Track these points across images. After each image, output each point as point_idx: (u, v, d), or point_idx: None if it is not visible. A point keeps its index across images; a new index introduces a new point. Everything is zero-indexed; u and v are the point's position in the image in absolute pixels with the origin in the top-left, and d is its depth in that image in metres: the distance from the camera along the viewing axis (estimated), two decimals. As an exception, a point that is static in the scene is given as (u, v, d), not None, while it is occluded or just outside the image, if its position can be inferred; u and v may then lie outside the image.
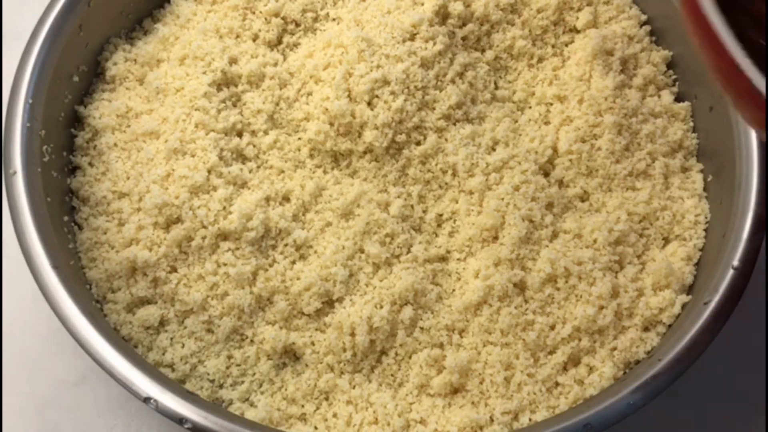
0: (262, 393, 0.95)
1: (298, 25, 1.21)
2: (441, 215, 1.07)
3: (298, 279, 0.99)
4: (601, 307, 0.97)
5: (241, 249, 1.00)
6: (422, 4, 1.16)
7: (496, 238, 1.02)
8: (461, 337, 0.98)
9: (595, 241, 1.02)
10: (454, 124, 1.09)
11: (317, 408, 0.95)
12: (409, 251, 1.03)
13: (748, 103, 0.63)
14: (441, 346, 0.98)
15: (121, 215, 1.02)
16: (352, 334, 0.95)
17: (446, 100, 1.08)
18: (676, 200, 1.08)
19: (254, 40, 1.17)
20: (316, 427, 0.94)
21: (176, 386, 0.90)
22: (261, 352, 0.97)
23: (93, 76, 1.15)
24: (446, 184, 1.07)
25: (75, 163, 1.06)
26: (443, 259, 1.04)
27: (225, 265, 0.99)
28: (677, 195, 1.08)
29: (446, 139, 1.08)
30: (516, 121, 1.14)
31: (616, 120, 1.10)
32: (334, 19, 1.20)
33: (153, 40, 1.17)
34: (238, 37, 1.18)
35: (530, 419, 0.92)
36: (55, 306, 0.88)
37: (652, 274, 1.01)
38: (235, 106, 1.11)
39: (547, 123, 1.14)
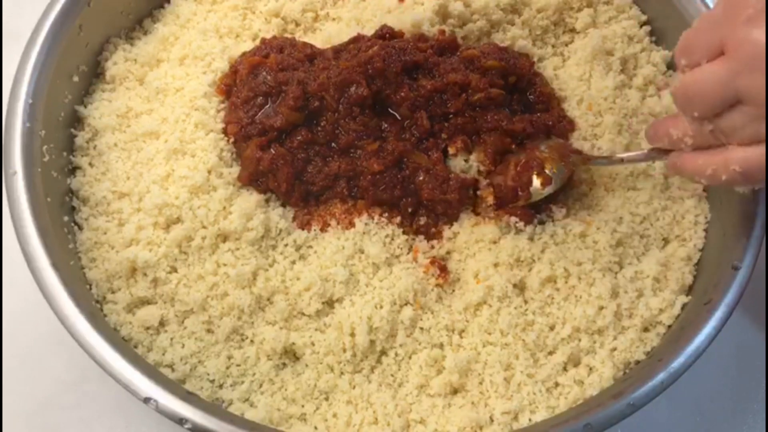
0: (262, 393, 0.95)
1: (298, 25, 1.21)
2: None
3: (298, 279, 0.99)
4: (601, 308, 0.97)
5: (241, 249, 1.00)
6: (422, 4, 1.16)
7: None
8: (461, 337, 0.98)
9: (596, 242, 1.02)
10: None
11: (317, 408, 0.95)
12: (409, 251, 1.04)
13: None
14: (441, 346, 0.98)
15: (121, 215, 1.02)
16: (352, 334, 0.95)
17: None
18: (676, 200, 1.08)
19: (254, 40, 1.18)
20: (316, 427, 0.94)
21: (176, 386, 0.90)
22: (261, 353, 0.97)
23: (93, 76, 1.15)
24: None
25: (75, 163, 1.06)
26: (443, 259, 1.04)
27: (225, 265, 0.99)
28: (677, 195, 1.08)
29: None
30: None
31: (616, 120, 1.10)
32: (333, 19, 1.20)
33: (153, 40, 1.17)
34: (237, 36, 1.18)
35: (530, 419, 0.92)
36: (55, 306, 0.88)
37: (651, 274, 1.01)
38: (235, 106, 1.11)
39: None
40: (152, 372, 0.88)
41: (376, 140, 1.03)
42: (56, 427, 1.05)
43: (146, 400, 0.84)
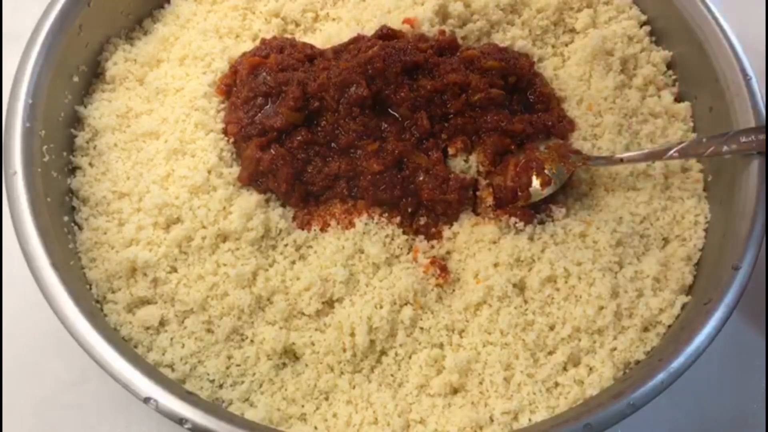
0: (262, 393, 0.95)
1: (298, 25, 1.21)
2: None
3: (298, 279, 0.99)
4: (601, 308, 0.97)
5: (241, 249, 1.00)
6: (422, 4, 1.16)
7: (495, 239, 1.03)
8: (461, 337, 0.98)
9: (596, 242, 1.02)
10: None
11: (317, 408, 0.95)
12: (409, 251, 1.04)
13: None
14: (441, 346, 0.98)
15: (121, 215, 1.02)
16: (352, 334, 0.95)
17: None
18: (676, 200, 1.08)
19: (254, 40, 1.18)
20: (316, 427, 0.94)
21: (176, 386, 0.90)
22: (261, 352, 0.97)
23: (93, 76, 1.15)
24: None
25: (75, 163, 1.06)
26: (443, 259, 1.04)
27: (225, 265, 0.99)
28: (677, 195, 1.08)
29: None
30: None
31: (616, 120, 1.10)
32: (333, 19, 1.20)
33: (153, 40, 1.17)
34: (237, 37, 1.18)
35: (530, 419, 0.92)
36: (55, 306, 0.88)
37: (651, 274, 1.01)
38: (235, 106, 1.11)
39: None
40: (152, 372, 0.88)
41: (376, 140, 1.03)
42: (56, 427, 1.05)
43: (146, 400, 0.84)
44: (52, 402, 1.06)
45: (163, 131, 1.07)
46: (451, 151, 1.06)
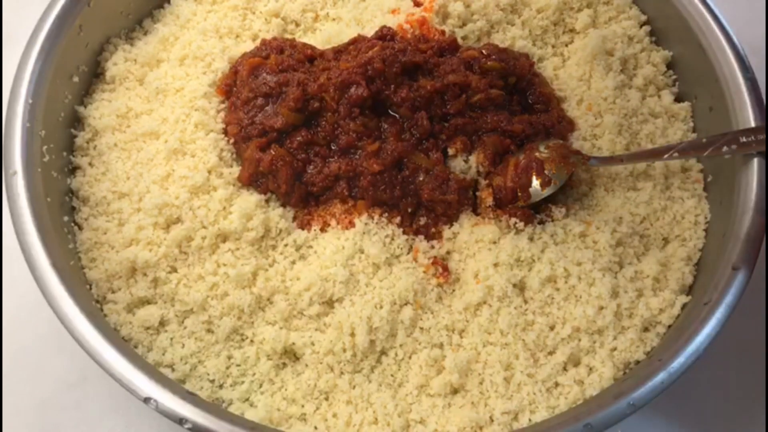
0: (262, 393, 0.95)
1: (298, 25, 1.21)
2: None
3: (298, 279, 0.99)
4: (601, 308, 0.97)
5: (241, 249, 1.00)
6: (422, 4, 1.16)
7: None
8: (461, 337, 0.98)
9: (596, 242, 1.02)
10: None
11: (317, 408, 0.95)
12: (409, 251, 1.04)
13: None
14: (441, 346, 0.98)
15: (121, 215, 1.02)
16: (352, 335, 0.95)
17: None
18: (676, 200, 1.08)
19: (254, 41, 1.18)
20: (316, 427, 0.94)
21: (176, 386, 0.90)
22: (261, 352, 0.97)
23: (93, 76, 1.15)
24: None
25: (75, 163, 1.06)
26: (443, 259, 1.04)
27: (225, 265, 0.99)
28: (677, 195, 1.08)
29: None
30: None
31: (616, 120, 1.10)
32: (333, 19, 1.20)
33: (153, 40, 1.17)
34: (237, 37, 1.18)
35: (530, 419, 0.92)
36: (55, 306, 0.88)
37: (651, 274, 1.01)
38: (235, 106, 1.11)
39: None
40: (152, 372, 0.88)
41: (376, 141, 1.03)
42: (56, 427, 1.05)
43: (146, 400, 0.84)
44: (53, 402, 1.06)
45: (163, 131, 1.07)
46: (451, 151, 1.06)
